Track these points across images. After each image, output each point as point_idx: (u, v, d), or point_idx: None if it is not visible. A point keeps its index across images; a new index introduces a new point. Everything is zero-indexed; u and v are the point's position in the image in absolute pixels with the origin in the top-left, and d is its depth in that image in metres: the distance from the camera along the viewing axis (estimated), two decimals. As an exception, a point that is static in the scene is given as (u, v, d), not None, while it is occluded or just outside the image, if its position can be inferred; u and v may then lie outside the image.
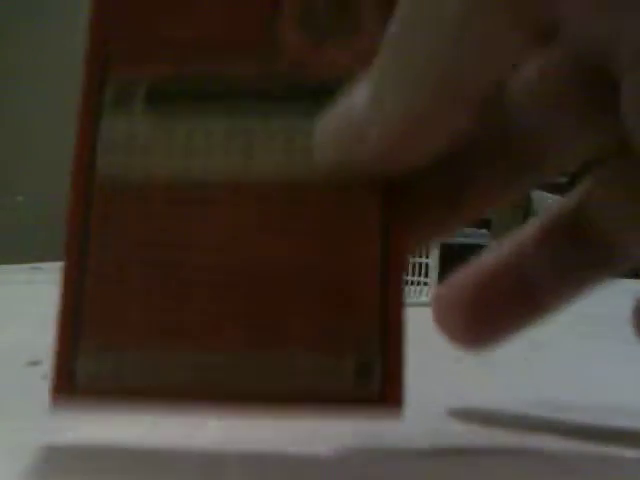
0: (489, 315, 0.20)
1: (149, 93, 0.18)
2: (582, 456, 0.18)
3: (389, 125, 0.16)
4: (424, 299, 0.49)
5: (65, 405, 0.16)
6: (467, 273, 0.20)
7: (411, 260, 0.50)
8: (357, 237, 0.17)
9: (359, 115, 0.16)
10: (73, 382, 0.16)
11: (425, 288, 0.51)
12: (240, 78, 0.18)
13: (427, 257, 0.52)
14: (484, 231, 0.65)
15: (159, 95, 0.18)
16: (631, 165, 0.18)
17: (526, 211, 1.24)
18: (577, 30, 0.14)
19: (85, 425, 0.17)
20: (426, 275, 0.52)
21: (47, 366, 0.16)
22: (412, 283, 0.51)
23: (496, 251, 0.20)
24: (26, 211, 1.85)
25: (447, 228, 0.19)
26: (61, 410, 0.16)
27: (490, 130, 0.18)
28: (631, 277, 0.41)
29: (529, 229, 0.20)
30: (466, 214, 0.19)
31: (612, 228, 0.19)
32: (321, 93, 0.17)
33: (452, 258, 0.29)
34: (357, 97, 0.16)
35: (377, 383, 0.16)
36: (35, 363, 0.23)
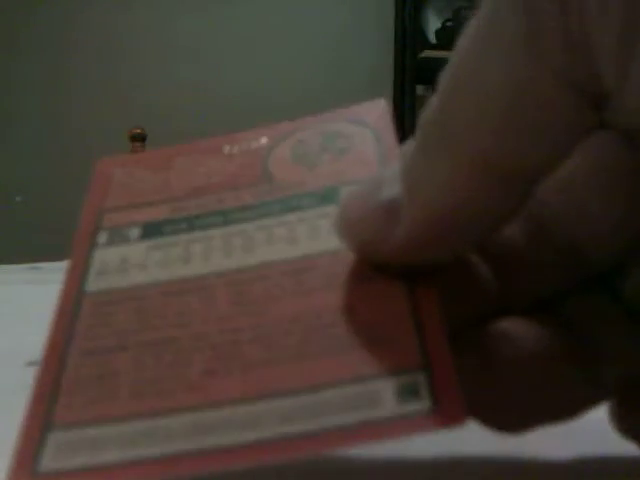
0: None
1: (145, 231, 0.18)
2: (582, 454, 0.18)
3: (424, 215, 0.15)
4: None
5: None
6: None
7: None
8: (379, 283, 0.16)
9: (390, 204, 0.15)
10: (38, 462, 0.15)
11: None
12: (236, 207, 0.18)
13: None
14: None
15: (154, 231, 0.18)
16: None
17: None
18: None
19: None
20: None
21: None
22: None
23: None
24: (25, 211, 1.85)
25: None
26: None
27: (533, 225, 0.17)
28: None
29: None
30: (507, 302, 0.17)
31: None
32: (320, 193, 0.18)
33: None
34: (387, 187, 0.15)
35: (426, 399, 0.14)
36: (35, 363, 0.23)
